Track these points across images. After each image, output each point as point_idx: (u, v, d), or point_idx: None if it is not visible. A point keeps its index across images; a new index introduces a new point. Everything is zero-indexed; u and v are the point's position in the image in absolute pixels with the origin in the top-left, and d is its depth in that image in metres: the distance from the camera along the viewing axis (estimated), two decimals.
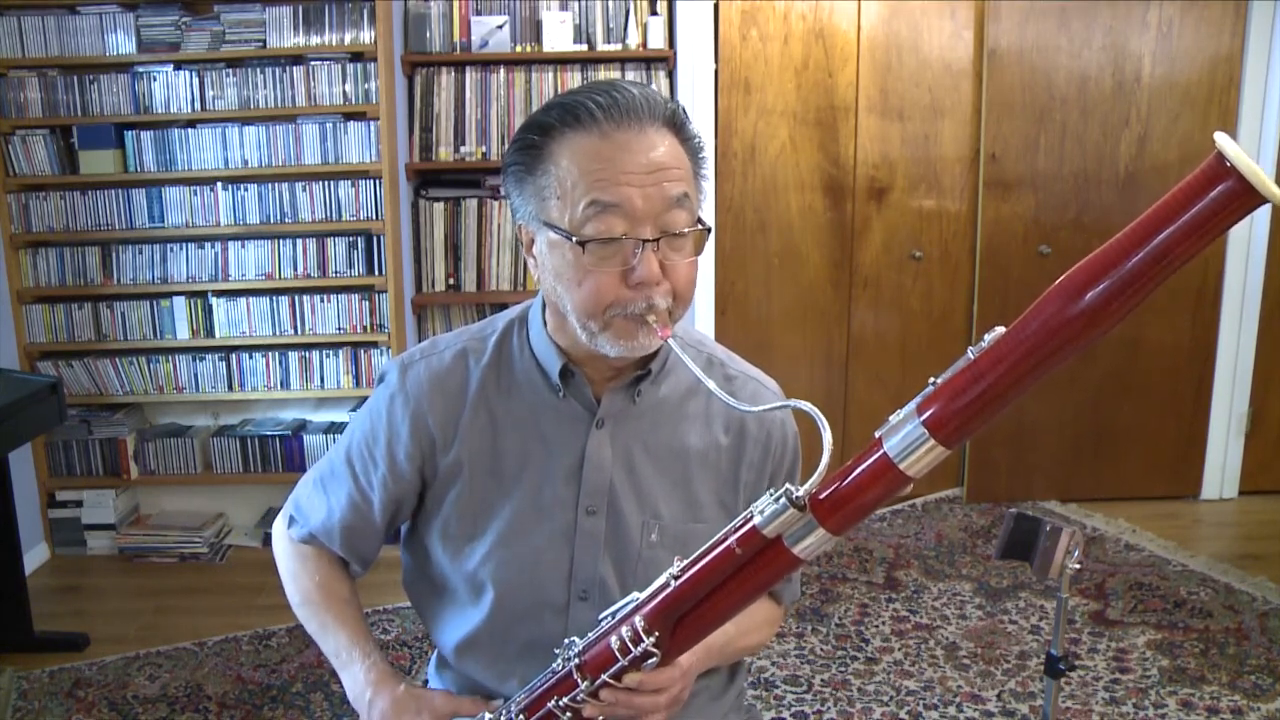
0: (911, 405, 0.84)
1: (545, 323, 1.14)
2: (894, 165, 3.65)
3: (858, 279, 3.73)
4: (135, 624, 3.04)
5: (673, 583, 0.96)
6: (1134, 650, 2.74)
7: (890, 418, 0.85)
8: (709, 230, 1.07)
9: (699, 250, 1.06)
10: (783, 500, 0.87)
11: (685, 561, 0.96)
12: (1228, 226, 0.71)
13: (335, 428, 3.59)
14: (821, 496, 0.88)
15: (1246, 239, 3.66)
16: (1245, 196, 0.68)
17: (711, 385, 0.96)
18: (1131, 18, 3.54)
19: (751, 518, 0.90)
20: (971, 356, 0.81)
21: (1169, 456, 3.84)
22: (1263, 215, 3.63)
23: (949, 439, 0.81)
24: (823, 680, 2.63)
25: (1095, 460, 3.83)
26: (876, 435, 0.86)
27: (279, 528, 1.28)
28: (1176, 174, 3.61)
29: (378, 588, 3.06)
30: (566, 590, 1.14)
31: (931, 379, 0.83)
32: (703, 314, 3.64)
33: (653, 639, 0.96)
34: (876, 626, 2.90)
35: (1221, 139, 0.69)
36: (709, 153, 3.61)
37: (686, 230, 1.04)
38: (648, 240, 1.01)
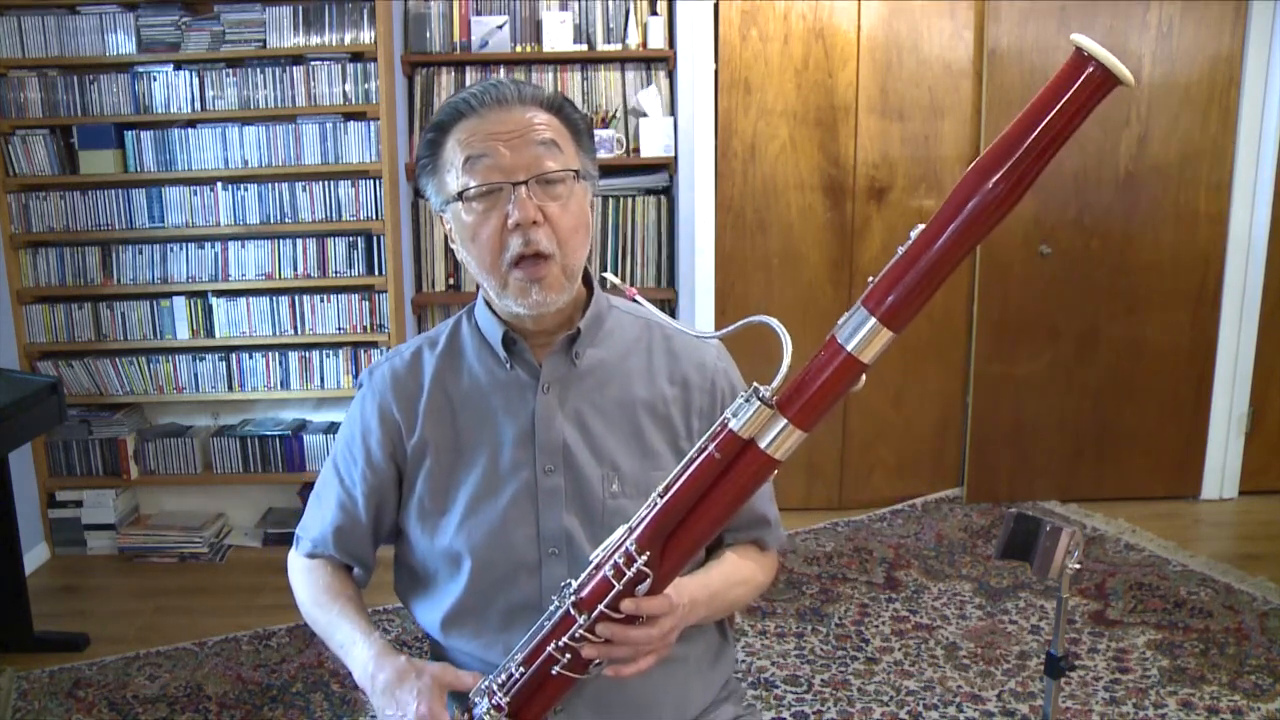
0: (858, 301, 0.93)
1: (488, 302, 1.26)
2: (894, 165, 3.65)
3: (858, 279, 3.73)
4: (135, 624, 3.04)
5: (659, 501, 1.01)
6: (1134, 650, 2.74)
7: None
8: (587, 179, 1.19)
9: (582, 203, 1.18)
10: (753, 399, 0.95)
11: (669, 478, 1.01)
12: (1094, 105, 0.88)
13: (335, 428, 3.59)
14: (786, 397, 0.97)
15: (1246, 239, 3.66)
16: (1104, 79, 0.84)
17: (662, 317, 1.12)
18: (1131, 18, 3.54)
19: (727, 421, 0.97)
20: (901, 251, 0.91)
21: (1169, 457, 3.84)
22: (1263, 215, 3.63)
23: (892, 318, 0.91)
24: (823, 680, 2.63)
25: (1095, 460, 3.83)
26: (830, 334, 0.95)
27: (291, 554, 1.37)
28: (1177, 174, 3.62)
29: (378, 588, 3.03)
30: (537, 548, 1.21)
31: (870, 278, 0.94)
32: (703, 314, 3.64)
33: (644, 558, 1.01)
34: (876, 626, 2.90)
35: (1077, 37, 0.85)
36: (709, 152, 3.63)
37: (556, 170, 1.14)
38: (519, 182, 1.13)
